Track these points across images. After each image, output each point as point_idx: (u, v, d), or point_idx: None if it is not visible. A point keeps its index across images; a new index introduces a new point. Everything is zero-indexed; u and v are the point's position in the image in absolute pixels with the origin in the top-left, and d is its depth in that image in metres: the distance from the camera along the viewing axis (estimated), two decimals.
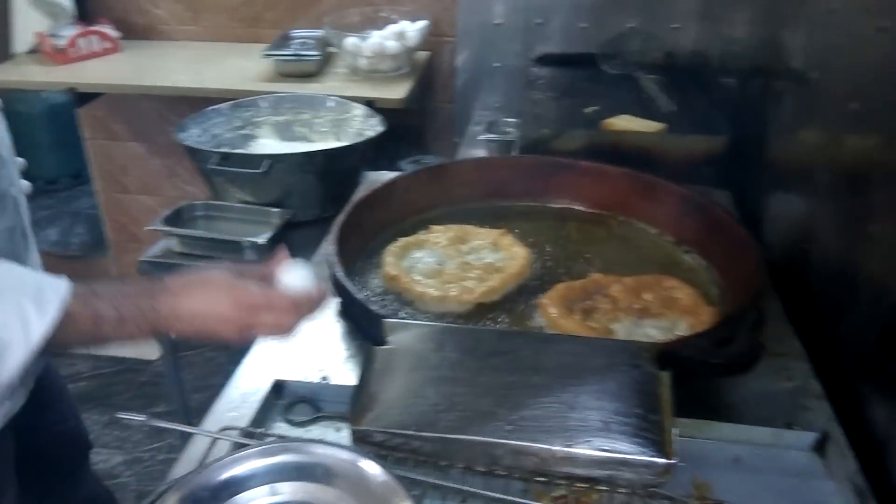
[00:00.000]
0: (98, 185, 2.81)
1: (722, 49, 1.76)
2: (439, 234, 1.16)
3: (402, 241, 1.15)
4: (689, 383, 0.83)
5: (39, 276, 0.77)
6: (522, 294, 1.06)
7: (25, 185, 1.04)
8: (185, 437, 1.67)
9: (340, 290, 1.00)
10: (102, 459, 2.16)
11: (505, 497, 0.72)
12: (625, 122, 1.48)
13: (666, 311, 1.00)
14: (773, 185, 1.26)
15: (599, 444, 0.72)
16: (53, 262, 3.08)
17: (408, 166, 1.33)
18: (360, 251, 1.19)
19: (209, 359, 2.58)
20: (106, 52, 2.30)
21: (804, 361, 0.92)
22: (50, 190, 3.26)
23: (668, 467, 0.71)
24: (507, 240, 1.15)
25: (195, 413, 2.29)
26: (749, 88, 1.46)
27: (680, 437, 0.76)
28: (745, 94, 1.48)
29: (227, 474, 0.66)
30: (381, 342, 0.84)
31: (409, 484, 0.67)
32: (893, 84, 0.83)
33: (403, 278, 1.06)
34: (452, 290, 1.03)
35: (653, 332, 0.97)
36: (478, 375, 0.79)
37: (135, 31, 2.46)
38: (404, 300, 1.05)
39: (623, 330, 0.97)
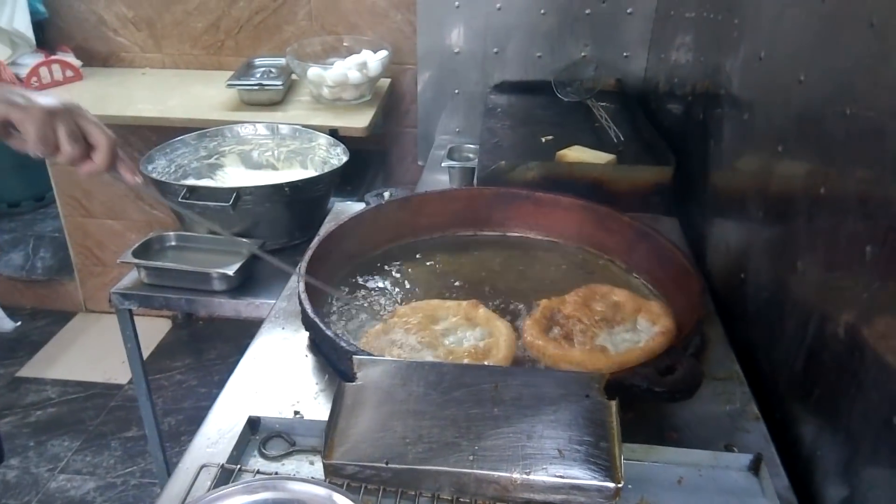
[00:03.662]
0: (62, 210, 2.81)
1: (668, 75, 1.86)
2: (408, 317, 1.09)
3: (372, 331, 1.08)
4: (636, 408, 0.91)
5: None
6: None
7: None
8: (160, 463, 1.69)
9: (310, 325, 1.05)
10: (75, 486, 2.17)
11: None
12: (577, 154, 1.56)
13: (621, 316, 1.12)
14: (715, 213, 1.35)
15: (555, 470, 0.79)
16: (18, 287, 3.07)
17: (373, 199, 1.38)
18: (328, 283, 1.24)
19: (179, 382, 2.60)
20: (68, 81, 2.31)
21: (743, 385, 0.99)
22: (13, 213, 3.23)
23: (617, 491, 0.77)
24: (481, 313, 1.10)
25: (167, 437, 2.31)
26: (692, 116, 1.55)
27: (628, 460, 0.84)
28: (690, 123, 1.57)
29: None
30: (351, 377, 0.90)
31: None
32: (811, 132, 0.92)
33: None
34: None
35: (628, 336, 1.09)
36: (442, 408, 0.85)
37: (96, 59, 2.48)
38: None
39: (609, 343, 1.07)
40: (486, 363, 1.00)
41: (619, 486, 0.77)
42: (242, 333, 1.62)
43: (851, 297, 0.77)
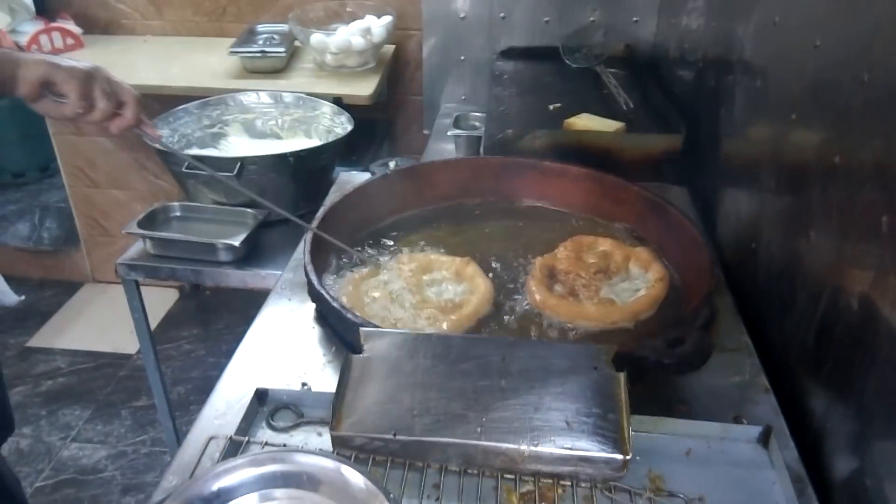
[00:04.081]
0: (67, 180, 2.80)
1: (679, 41, 1.82)
2: (403, 265, 1.15)
3: (365, 272, 1.14)
4: (645, 380, 0.90)
5: None
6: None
7: None
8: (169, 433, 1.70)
9: (317, 297, 1.04)
10: (86, 454, 2.19)
11: None
12: (585, 122, 1.53)
13: (614, 265, 1.17)
14: (726, 182, 1.33)
15: (563, 442, 0.79)
16: (25, 258, 3.09)
17: (378, 169, 1.37)
18: (332, 255, 1.23)
19: (187, 352, 2.62)
20: (69, 49, 2.29)
21: (752, 356, 0.99)
22: (18, 184, 3.22)
23: (625, 463, 0.77)
24: (471, 269, 1.14)
25: (177, 406, 2.33)
26: (704, 83, 1.52)
27: (636, 432, 0.84)
28: (701, 90, 1.54)
29: (218, 484, 0.71)
30: (358, 349, 0.89)
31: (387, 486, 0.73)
32: (826, 100, 0.89)
33: (361, 307, 1.06)
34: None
35: (626, 285, 1.14)
36: (449, 380, 0.85)
37: (96, 26, 2.44)
38: None
39: (613, 295, 1.10)
40: (451, 317, 1.03)
41: (627, 458, 0.77)
42: (250, 303, 1.62)
43: (866, 268, 0.76)
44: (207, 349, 2.60)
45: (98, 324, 2.77)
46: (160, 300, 2.85)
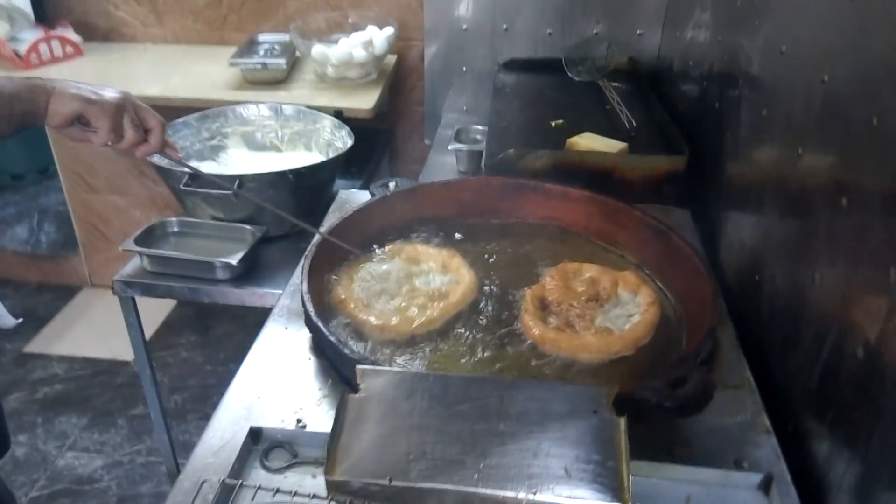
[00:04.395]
0: (66, 185, 2.79)
1: (683, 55, 1.80)
2: (392, 255, 1.21)
3: (357, 260, 1.20)
4: (646, 419, 0.88)
5: None
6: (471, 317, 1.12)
7: None
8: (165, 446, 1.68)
9: (313, 328, 1.03)
10: (82, 464, 2.18)
11: None
12: (588, 142, 1.52)
13: (605, 292, 1.16)
14: (730, 206, 1.31)
15: (561, 491, 0.77)
16: (23, 261, 3.07)
17: (378, 190, 1.35)
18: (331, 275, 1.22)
19: (184, 359, 2.61)
20: (69, 57, 2.27)
21: (754, 393, 0.97)
22: (17, 186, 3.21)
23: None
24: (456, 261, 1.19)
25: (173, 415, 2.33)
26: (708, 101, 1.50)
27: (635, 477, 0.82)
28: (705, 108, 1.52)
29: None
30: (354, 384, 0.88)
31: None
32: (833, 138, 0.88)
33: (350, 304, 1.10)
34: (393, 319, 1.07)
35: (619, 311, 1.13)
36: (447, 423, 0.83)
37: (96, 34, 2.43)
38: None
39: (608, 323, 1.09)
40: (439, 304, 1.09)
41: None
42: (248, 312, 1.61)
43: (873, 318, 0.74)
44: (205, 357, 2.59)
45: (96, 329, 2.76)
46: (158, 306, 2.84)
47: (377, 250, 1.23)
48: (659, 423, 0.93)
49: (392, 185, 1.37)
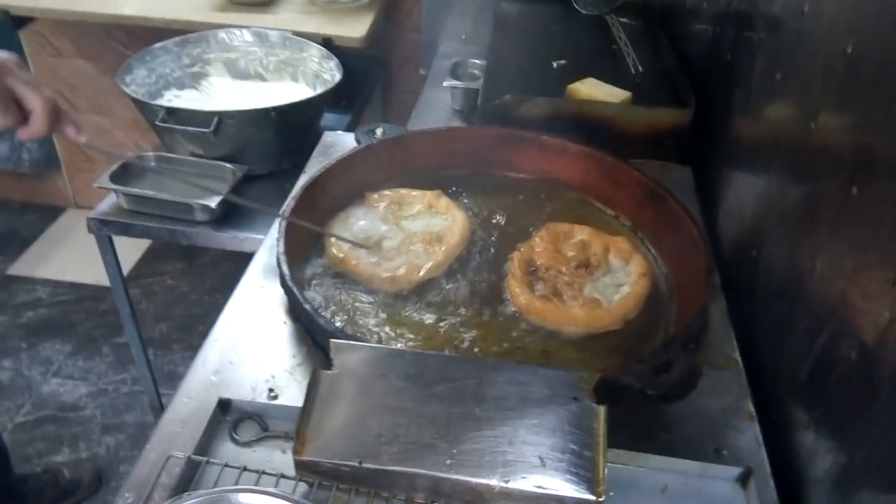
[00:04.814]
0: None
1: None
2: (376, 202, 1.19)
3: (342, 214, 1.16)
4: (628, 403, 0.86)
5: None
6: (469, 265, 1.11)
7: None
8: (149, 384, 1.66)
9: (290, 293, 0.99)
10: (67, 391, 2.19)
11: None
12: (590, 89, 1.43)
13: (595, 258, 1.11)
14: (733, 168, 1.25)
15: (535, 480, 0.75)
16: (6, 180, 2.99)
17: (363, 137, 1.28)
18: (312, 233, 1.16)
19: (170, 287, 2.58)
20: None
21: (740, 376, 0.94)
22: None
23: None
24: (443, 202, 1.17)
25: (158, 344, 2.32)
26: (720, 50, 1.40)
27: (612, 464, 0.80)
28: (716, 56, 1.43)
29: None
30: (328, 354, 0.85)
31: None
32: (849, 121, 0.81)
33: (351, 261, 1.07)
34: (401, 269, 1.05)
35: (609, 280, 1.09)
36: (421, 405, 0.81)
37: None
38: (350, 280, 1.07)
39: (597, 293, 1.06)
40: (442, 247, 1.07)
41: (601, 500, 0.74)
42: None
43: (871, 323, 0.70)
44: (190, 285, 2.56)
45: (80, 253, 2.71)
46: None
47: (360, 201, 1.20)
48: (640, 406, 0.90)
49: (379, 131, 1.29)
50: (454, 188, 1.27)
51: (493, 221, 1.22)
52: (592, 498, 0.74)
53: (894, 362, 0.66)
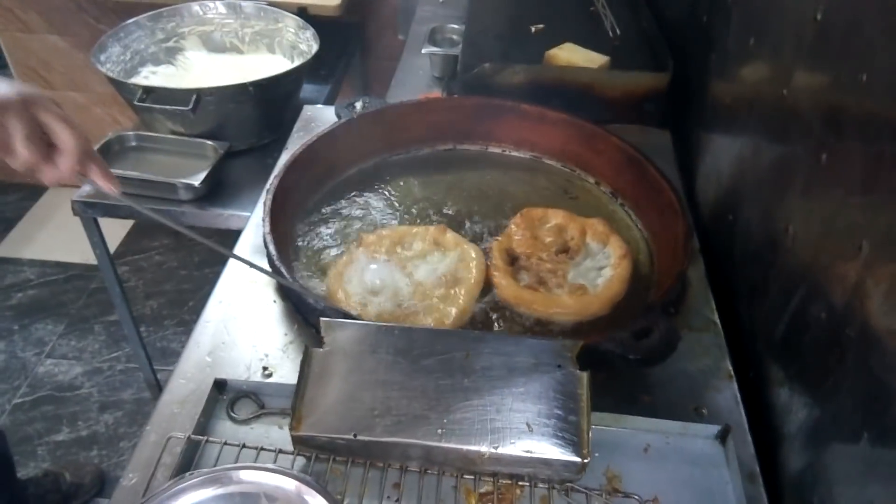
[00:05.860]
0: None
1: None
2: (375, 245, 1.07)
3: (340, 262, 1.05)
4: (610, 368, 0.89)
5: None
6: None
7: None
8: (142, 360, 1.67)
9: (277, 273, 1.00)
10: (62, 371, 2.21)
11: None
12: (568, 54, 1.43)
13: (573, 242, 1.11)
14: (711, 131, 1.26)
15: (523, 445, 0.79)
16: None
17: (343, 111, 1.28)
18: (297, 211, 1.18)
19: (158, 263, 2.58)
20: None
21: (719, 337, 0.98)
22: None
23: (583, 466, 0.78)
24: (449, 237, 1.09)
25: (149, 321, 2.34)
26: (697, 8, 1.40)
27: (597, 426, 0.84)
28: (693, 19, 1.43)
29: None
30: (319, 331, 0.87)
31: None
32: (818, 92, 0.83)
33: (371, 312, 0.99)
34: (428, 320, 0.98)
35: (590, 263, 1.09)
36: (412, 378, 0.83)
37: None
38: None
39: (581, 279, 1.06)
40: (451, 329, 0.98)
41: (586, 461, 0.77)
42: None
43: (841, 286, 0.73)
44: (179, 261, 2.56)
45: (65, 232, 2.70)
46: None
47: (355, 245, 1.08)
48: (622, 371, 0.94)
49: (359, 105, 1.29)
50: (433, 165, 1.28)
51: (475, 197, 1.23)
52: (578, 460, 0.78)
53: (861, 323, 0.69)
